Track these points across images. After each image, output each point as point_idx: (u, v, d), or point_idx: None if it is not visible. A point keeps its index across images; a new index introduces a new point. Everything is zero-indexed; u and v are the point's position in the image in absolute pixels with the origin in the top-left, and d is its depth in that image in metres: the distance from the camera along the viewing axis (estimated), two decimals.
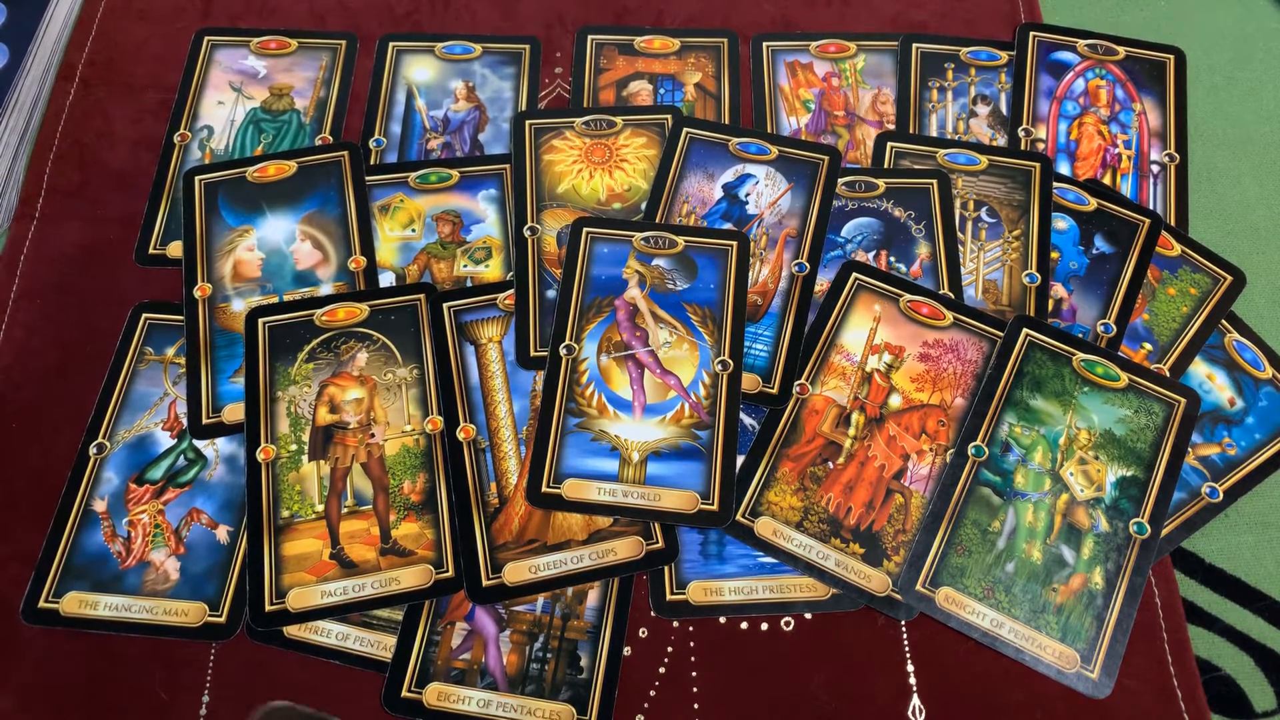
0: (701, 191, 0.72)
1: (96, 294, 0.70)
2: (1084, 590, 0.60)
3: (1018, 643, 0.59)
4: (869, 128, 0.77)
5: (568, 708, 0.58)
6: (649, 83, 0.79)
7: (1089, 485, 0.63)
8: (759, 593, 0.61)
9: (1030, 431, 0.64)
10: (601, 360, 0.66)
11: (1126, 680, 0.59)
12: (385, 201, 0.73)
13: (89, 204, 0.73)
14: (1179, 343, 0.68)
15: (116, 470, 0.64)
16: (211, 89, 0.78)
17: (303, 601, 0.60)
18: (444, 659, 0.59)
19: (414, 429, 0.64)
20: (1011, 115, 0.77)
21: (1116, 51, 0.79)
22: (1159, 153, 0.76)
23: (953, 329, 0.67)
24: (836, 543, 0.62)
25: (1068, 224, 0.72)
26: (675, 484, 0.62)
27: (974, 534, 0.61)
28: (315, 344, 0.66)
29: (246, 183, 0.72)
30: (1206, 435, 0.66)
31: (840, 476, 0.63)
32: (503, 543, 0.62)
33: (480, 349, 0.67)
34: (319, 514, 0.62)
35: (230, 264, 0.70)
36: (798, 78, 0.79)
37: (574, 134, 0.75)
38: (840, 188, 0.72)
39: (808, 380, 0.66)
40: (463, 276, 0.70)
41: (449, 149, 0.76)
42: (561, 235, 0.70)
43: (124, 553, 0.62)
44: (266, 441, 0.63)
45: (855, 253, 0.71)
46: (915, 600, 0.60)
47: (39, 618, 0.60)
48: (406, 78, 0.79)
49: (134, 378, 0.67)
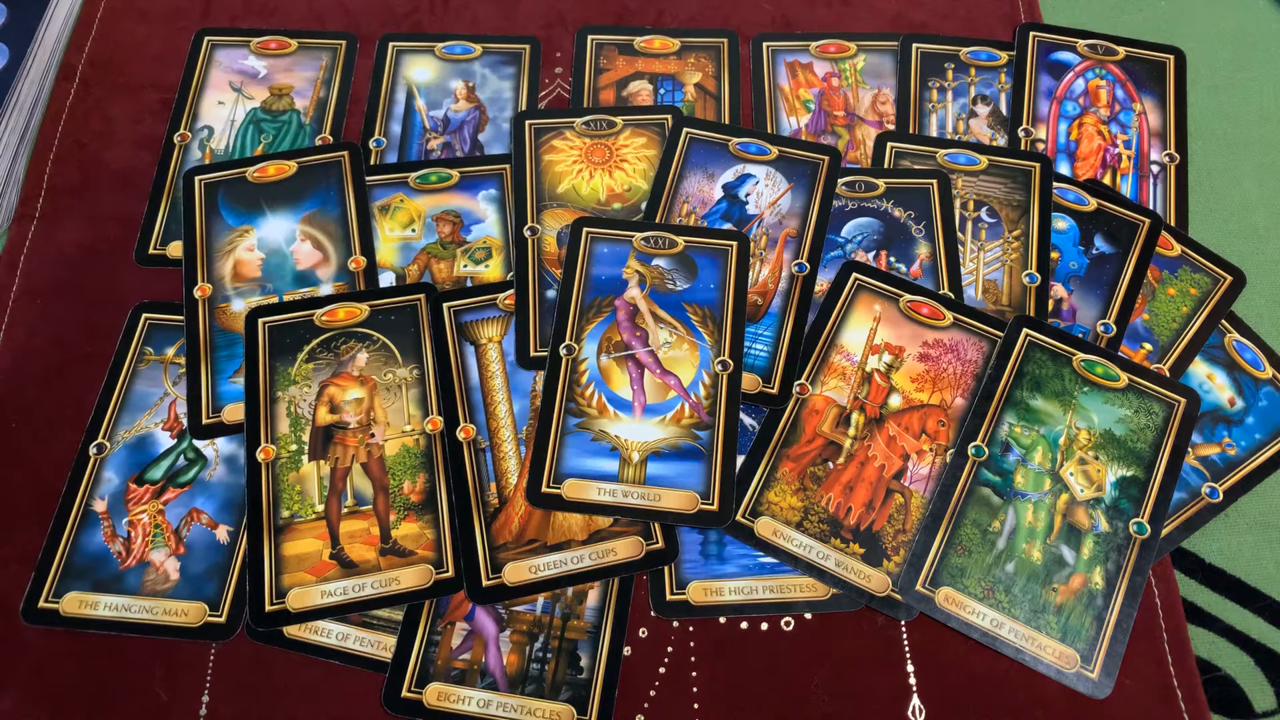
0: (701, 191, 0.72)
1: (96, 294, 0.70)
2: (1084, 590, 0.60)
3: (1018, 643, 0.59)
4: (869, 128, 0.77)
5: (568, 708, 0.58)
6: (649, 83, 0.79)
7: (1089, 485, 0.63)
8: (759, 593, 0.61)
9: (1030, 431, 0.64)
10: (601, 360, 0.66)
11: (1126, 680, 0.59)
12: (385, 201, 0.73)
13: (89, 204, 0.73)
14: (1179, 343, 0.68)
15: (116, 470, 0.64)
16: (211, 89, 0.78)
17: (303, 601, 0.60)
18: (444, 659, 0.59)
19: (414, 429, 0.64)
20: (1011, 115, 0.77)
21: (1116, 51, 0.79)
22: (1159, 153, 0.76)
23: (953, 329, 0.67)
24: (836, 543, 0.62)
25: (1068, 224, 0.72)
26: (675, 484, 0.62)
27: (974, 534, 0.61)
28: (315, 344, 0.66)
29: (246, 183, 0.72)
30: (1206, 435, 0.66)
31: (840, 476, 0.63)
32: (503, 543, 0.61)
33: (480, 349, 0.67)
34: (319, 514, 0.62)
35: (230, 264, 0.70)
36: (798, 78, 0.79)
37: (574, 134, 0.75)
38: (840, 188, 0.72)
39: (808, 380, 0.66)
40: (463, 276, 0.70)
41: (449, 149, 0.76)
42: (561, 235, 0.70)
43: (124, 553, 0.62)
44: (266, 441, 0.63)
45: (855, 253, 0.71)
46: (915, 600, 0.60)
47: (39, 618, 0.60)
48: (406, 78, 0.79)
49: (134, 378, 0.67)
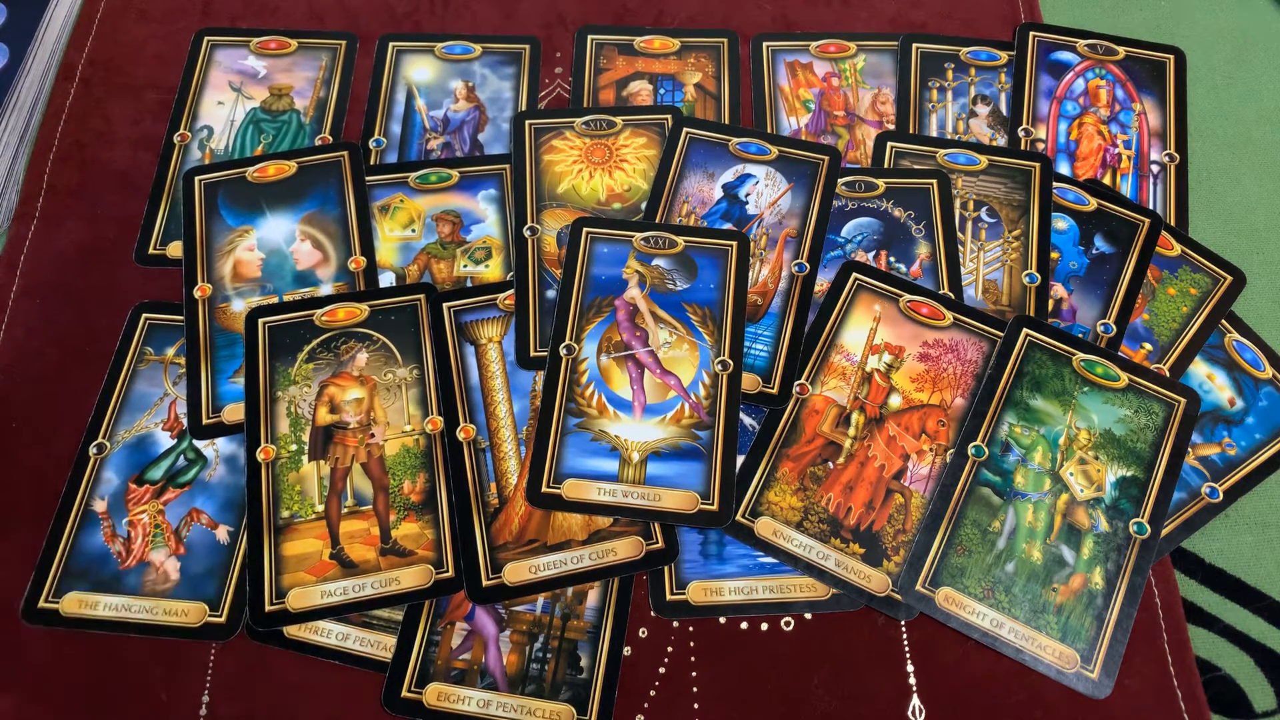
0: (701, 191, 0.72)
1: (96, 294, 0.70)
2: (1084, 590, 0.60)
3: (1018, 643, 0.59)
4: (869, 128, 0.77)
5: (568, 708, 0.58)
6: (649, 83, 0.79)
7: (1089, 485, 0.63)
8: (759, 593, 0.61)
9: (1030, 431, 0.64)
10: (601, 360, 0.66)
11: (1126, 680, 0.59)
12: (385, 201, 0.73)
13: (89, 204, 0.73)
14: (1179, 343, 0.68)
15: (116, 470, 0.64)
16: (211, 89, 0.78)
17: (303, 601, 0.60)
18: (444, 659, 0.59)
19: (414, 429, 0.64)
20: (1011, 115, 0.77)
21: (1116, 51, 0.79)
22: (1159, 153, 0.76)
23: (953, 329, 0.67)
24: (836, 543, 0.62)
25: (1068, 224, 0.72)
26: (675, 484, 0.62)
27: (974, 534, 0.61)
28: (315, 344, 0.66)
29: (246, 183, 0.72)
30: (1206, 435, 0.66)
31: (840, 476, 0.63)
32: (503, 543, 0.61)
33: (480, 349, 0.67)
34: (319, 514, 0.62)
35: (230, 264, 0.70)
36: (798, 78, 0.79)
37: (574, 134, 0.75)
38: (840, 188, 0.72)
39: (808, 380, 0.66)
40: (463, 276, 0.70)
41: (449, 149, 0.76)
42: (561, 235, 0.70)
43: (124, 553, 0.62)
44: (266, 441, 0.63)
45: (855, 253, 0.71)
46: (915, 600, 0.60)
47: (39, 618, 0.60)
48: (406, 78, 0.79)
49: (134, 378, 0.67)
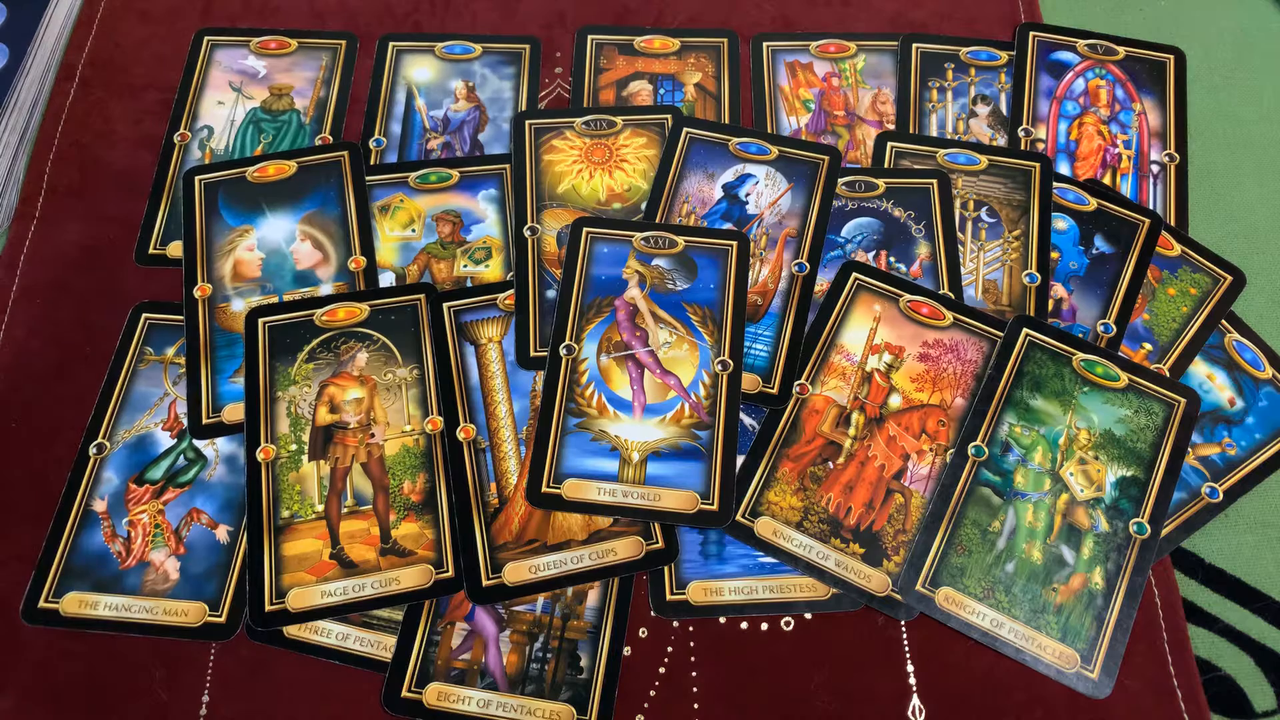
0: (701, 191, 0.72)
1: (96, 294, 0.70)
2: (1084, 590, 0.60)
3: (1018, 643, 0.59)
4: (869, 128, 0.77)
5: (568, 708, 0.58)
6: (649, 83, 0.79)
7: (1089, 485, 0.63)
8: (759, 593, 0.61)
9: (1030, 431, 0.64)
10: (601, 360, 0.66)
11: (1126, 680, 0.59)
12: (385, 201, 0.73)
13: (89, 204, 0.73)
14: (1179, 343, 0.68)
15: (116, 470, 0.64)
16: (211, 89, 0.78)
17: (303, 601, 0.60)
18: (444, 659, 0.59)
19: (414, 429, 0.64)
20: (1011, 115, 0.77)
21: (1116, 51, 0.79)
22: (1159, 153, 0.76)
23: (953, 329, 0.67)
24: (836, 543, 0.62)
25: (1068, 224, 0.72)
26: (675, 484, 0.62)
27: (974, 534, 0.61)
28: (315, 344, 0.66)
29: (246, 183, 0.72)
30: (1206, 435, 0.66)
31: (840, 476, 0.63)
32: (503, 543, 0.61)
33: (480, 349, 0.67)
34: (319, 514, 0.62)
35: (230, 264, 0.70)
36: (798, 78, 0.79)
37: (574, 134, 0.75)
38: (840, 188, 0.72)
39: (808, 380, 0.66)
40: (463, 276, 0.70)
41: (449, 149, 0.76)
42: (561, 235, 0.70)
43: (124, 553, 0.62)
44: (266, 441, 0.63)
45: (855, 253, 0.71)
46: (915, 600, 0.60)
47: (39, 618, 0.60)
48: (406, 78, 0.79)
49: (134, 378, 0.67)
